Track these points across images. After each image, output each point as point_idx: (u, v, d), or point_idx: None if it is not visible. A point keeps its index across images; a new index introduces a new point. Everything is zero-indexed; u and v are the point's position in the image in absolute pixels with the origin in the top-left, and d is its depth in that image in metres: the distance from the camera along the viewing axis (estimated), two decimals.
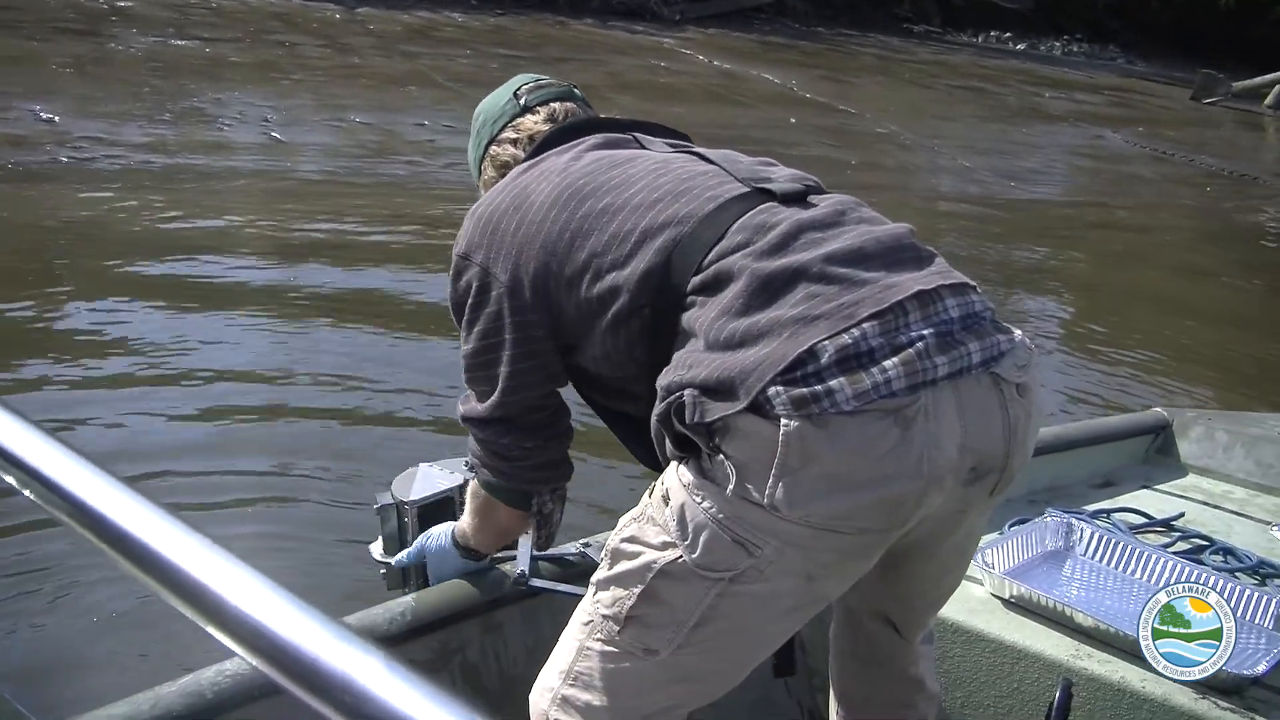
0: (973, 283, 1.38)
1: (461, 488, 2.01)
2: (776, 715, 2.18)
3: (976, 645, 2.01)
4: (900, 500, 1.27)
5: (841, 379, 1.22)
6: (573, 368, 1.54)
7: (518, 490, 1.63)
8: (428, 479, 2.03)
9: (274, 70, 10.67)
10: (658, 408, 1.34)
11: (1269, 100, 17.90)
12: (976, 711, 2.03)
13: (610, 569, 1.38)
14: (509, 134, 1.70)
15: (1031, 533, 2.26)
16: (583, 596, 1.67)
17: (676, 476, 1.33)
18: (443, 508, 2.00)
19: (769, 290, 1.30)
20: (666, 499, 1.33)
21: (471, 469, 1.66)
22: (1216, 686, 1.85)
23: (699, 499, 1.29)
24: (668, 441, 1.35)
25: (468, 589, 1.93)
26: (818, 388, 1.22)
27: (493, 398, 1.53)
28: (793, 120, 11.62)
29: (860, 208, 1.44)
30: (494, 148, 1.72)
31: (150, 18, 12.17)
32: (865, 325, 1.25)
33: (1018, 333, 1.39)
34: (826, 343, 1.24)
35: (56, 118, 7.91)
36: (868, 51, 17.91)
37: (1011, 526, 2.31)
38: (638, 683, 1.39)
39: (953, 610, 2.04)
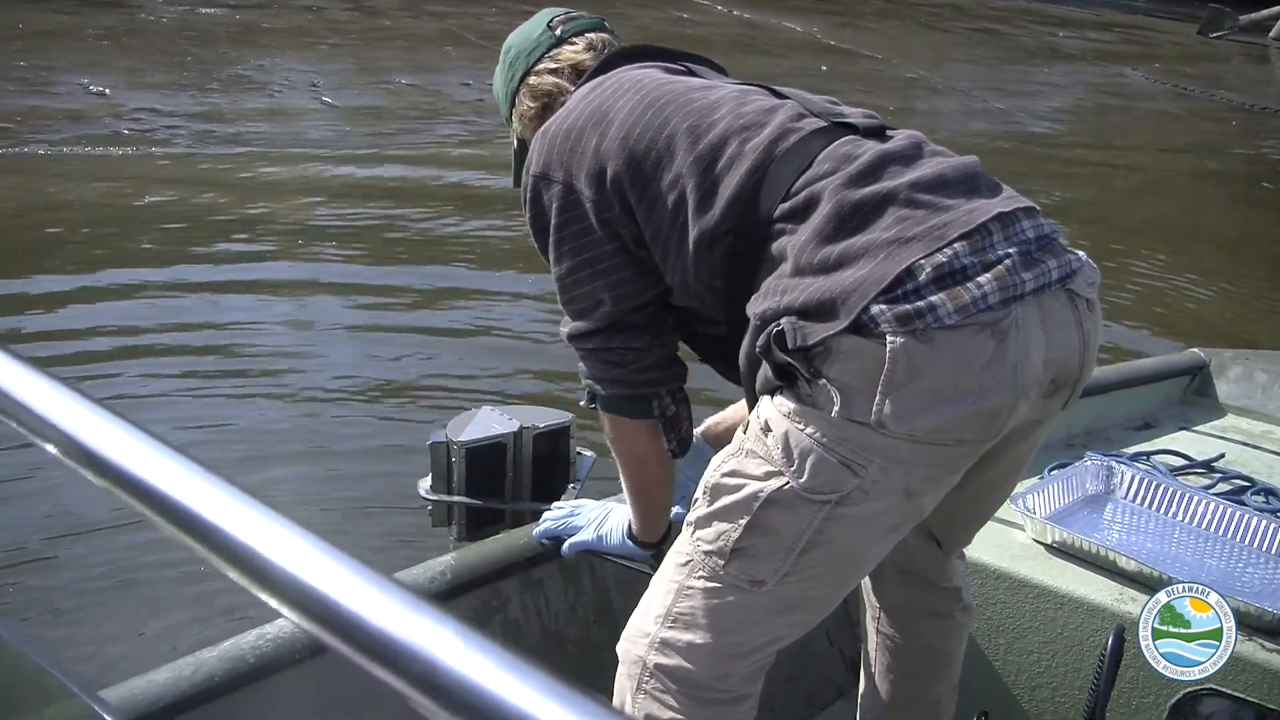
0: (1035, 205, 1.40)
1: (517, 434, 1.96)
2: (819, 662, 2.16)
3: (1020, 591, 1.97)
4: (997, 410, 1.29)
5: (941, 295, 1.24)
6: None
7: (637, 396, 1.57)
8: (484, 422, 1.99)
9: (308, 35, 10.56)
10: (756, 339, 1.33)
11: (1274, 32, 17.51)
12: (1021, 657, 2.00)
13: (711, 505, 1.37)
14: (547, 64, 1.66)
15: (1072, 477, 2.20)
16: (626, 563, 1.65)
17: (774, 407, 1.32)
18: (492, 453, 1.95)
19: (859, 215, 1.30)
20: (767, 429, 1.32)
21: (591, 398, 1.60)
22: (1261, 628, 1.81)
23: (801, 425, 1.29)
24: (764, 372, 1.33)
25: (507, 546, 1.90)
26: (920, 304, 1.23)
27: (596, 311, 1.51)
28: (824, 68, 11.44)
29: (930, 142, 1.45)
30: (531, 78, 1.67)
31: None
32: (956, 245, 1.27)
33: (1082, 253, 1.41)
34: (923, 261, 1.25)
35: (107, 90, 7.86)
36: None
37: (1051, 471, 2.25)
38: (743, 616, 1.38)
39: (995, 556, 2.01)
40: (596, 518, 1.83)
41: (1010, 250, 1.30)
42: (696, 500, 1.40)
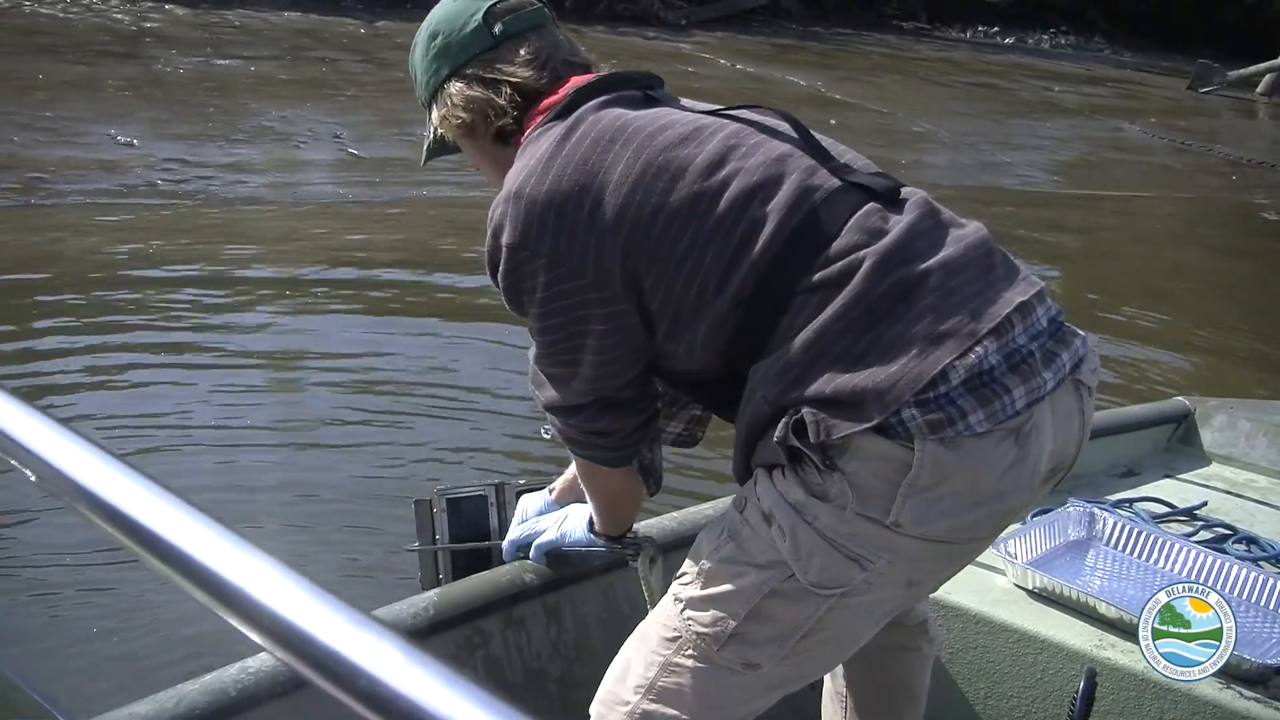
0: (1043, 285, 1.38)
1: (498, 487, 1.97)
2: (799, 702, 2.14)
3: (1000, 636, 1.96)
4: (1011, 510, 1.30)
5: (972, 400, 1.22)
6: None
7: (624, 458, 1.48)
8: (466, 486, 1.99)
9: (326, 87, 10.64)
10: (765, 421, 1.28)
11: (1261, 88, 17.66)
12: (1000, 702, 1.98)
13: (705, 588, 1.33)
14: (479, 70, 1.43)
15: (1054, 523, 2.20)
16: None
17: (778, 494, 1.28)
18: (473, 504, 1.96)
19: (889, 300, 1.25)
20: (769, 518, 1.28)
21: (562, 444, 1.52)
22: (1240, 676, 1.79)
23: (810, 518, 1.25)
24: (767, 448, 1.28)
25: (489, 583, 1.89)
26: (952, 411, 1.21)
27: (579, 385, 1.38)
28: (833, 121, 11.49)
29: (939, 209, 1.39)
30: (460, 84, 1.44)
31: (182, 38, 12.11)
32: (986, 343, 1.24)
33: (1083, 334, 1.40)
34: (956, 363, 1.22)
35: (135, 141, 7.85)
36: (875, 51, 17.72)
37: (1034, 517, 2.24)
38: (733, 695, 1.36)
39: (975, 601, 2.00)
40: (558, 519, 1.80)
41: (1032, 346, 1.28)
42: (686, 576, 1.37)
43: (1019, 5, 22.04)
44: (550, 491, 1.88)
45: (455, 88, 1.45)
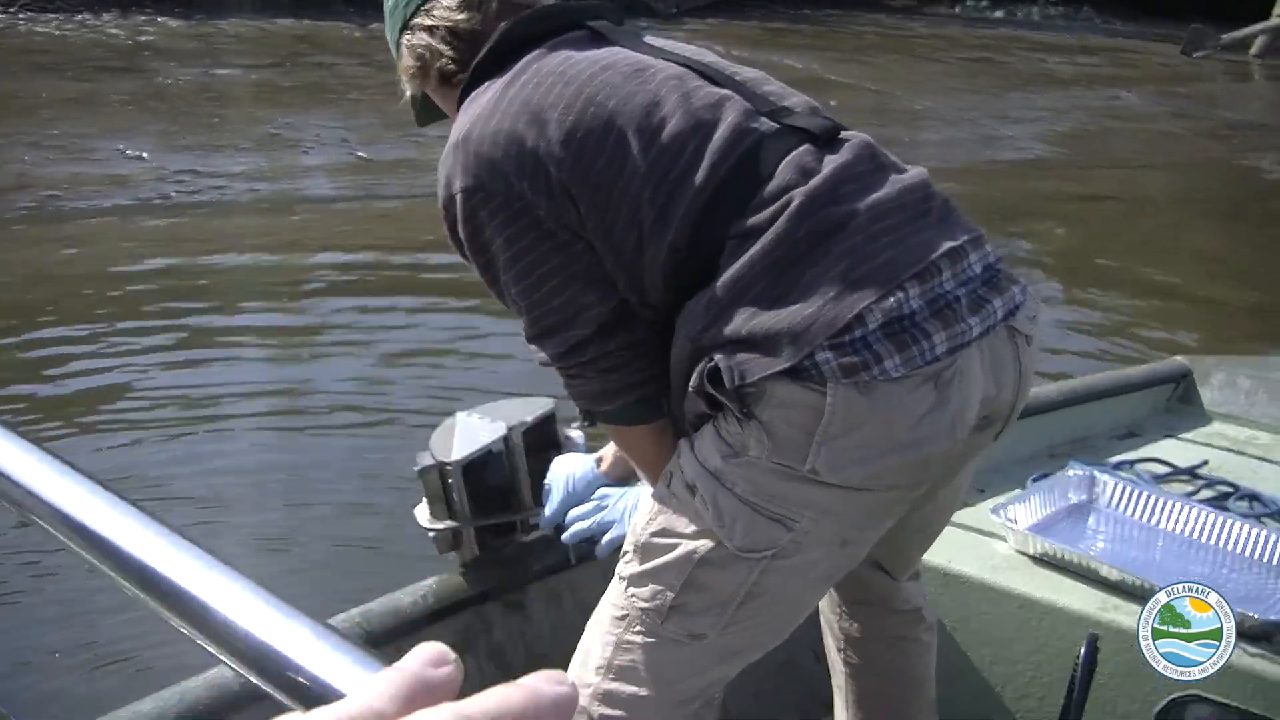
0: (982, 231, 1.35)
1: (506, 437, 1.82)
2: (806, 678, 2.13)
3: (1003, 602, 1.95)
4: (931, 460, 1.26)
5: (889, 344, 1.20)
6: None
7: (645, 398, 1.38)
8: (468, 432, 1.81)
9: (327, 92, 10.58)
10: (691, 377, 1.26)
11: (1254, 49, 17.54)
12: (1005, 667, 1.97)
13: (643, 564, 1.33)
14: (422, 19, 1.45)
15: (1054, 487, 2.18)
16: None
17: (699, 464, 1.27)
18: (489, 463, 1.81)
19: (810, 241, 1.23)
20: (692, 488, 1.28)
21: (587, 417, 1.44)
22: (1245, 633, 1.77)
23: (730, 483, 1.25)
24: (694, 400, 1.27)
25: (490, 570, 1.88)
26: (866, 355, 1.19)
27: (585, 313, 1.32)
28: (834, 103, 11.46)
29: (881, 152, 1.36)
30: (409, 36, 1.46)
31: (179, 49, 12.06)
32: (908, 286, 1.22)
33: (1022, 281, 1.37)
34: (874, 307, 1.20)
35: (144, 154, 7.81)
36: (868, 30, 17.61)
37: (1034, 481, 2.24)
38: (685, 668, 1.36)
39: (977, 567, 1.99)
40: (626, 507, 1.66)
41: (959, 292, 1.25)
42: (626, 554, 1.37)
43: None
44: (598, 462, 1.74)
45: (407, 40, 1.47)
